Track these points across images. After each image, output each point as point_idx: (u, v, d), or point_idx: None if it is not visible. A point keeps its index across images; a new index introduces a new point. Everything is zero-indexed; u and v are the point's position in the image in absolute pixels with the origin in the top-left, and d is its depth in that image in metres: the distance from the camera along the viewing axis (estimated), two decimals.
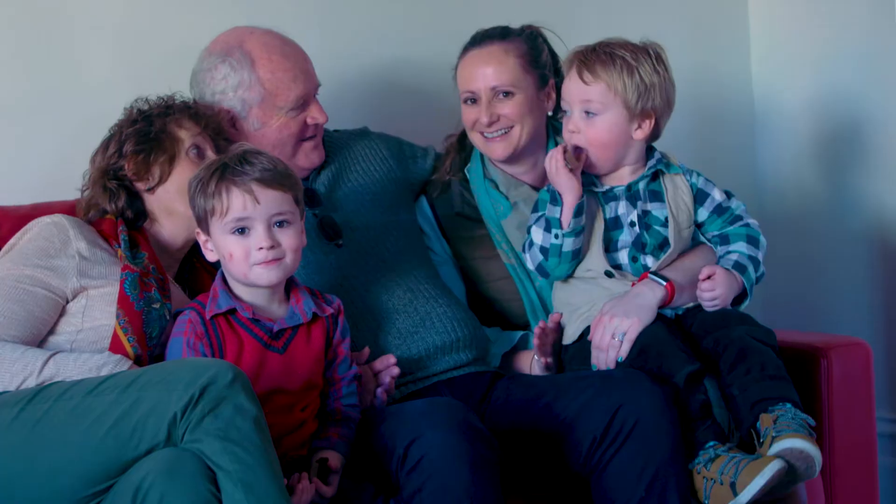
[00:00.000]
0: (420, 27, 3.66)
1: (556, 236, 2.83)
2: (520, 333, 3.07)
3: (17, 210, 2.97)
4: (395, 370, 2.75)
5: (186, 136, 2.78)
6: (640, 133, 2.85)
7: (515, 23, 3.17)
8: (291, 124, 3.02)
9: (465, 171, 3.19)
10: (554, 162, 2.81)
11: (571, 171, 2.80)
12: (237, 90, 2.99)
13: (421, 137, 3.34)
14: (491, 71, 3.06)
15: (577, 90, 2.84)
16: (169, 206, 2.77)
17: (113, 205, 2.76)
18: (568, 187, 2.80)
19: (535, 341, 2.89)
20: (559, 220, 2.81)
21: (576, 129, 2.84)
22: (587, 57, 2.83)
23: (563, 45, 3.12)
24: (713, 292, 2.80)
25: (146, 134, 2.77)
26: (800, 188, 4.05)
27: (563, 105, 2.89)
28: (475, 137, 3.12)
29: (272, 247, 2.51)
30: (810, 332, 3.34)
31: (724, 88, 4.15)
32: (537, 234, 2.87)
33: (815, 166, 4.00)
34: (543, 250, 2.86)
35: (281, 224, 2.54)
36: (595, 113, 2.83)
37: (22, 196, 3.04)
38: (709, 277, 2.81)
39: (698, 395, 2.65)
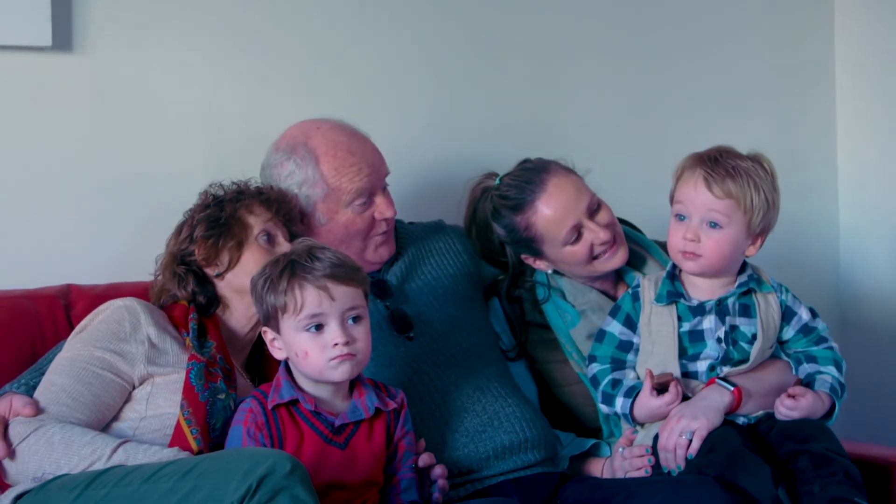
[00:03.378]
0: (490, 122, 3.68)
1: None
2: (592, 441, 3.02)
3: (93, 289, 3.00)
4: (439, 470, 2.69)
5: (256, 221, 2.79)
6: (753, 249, 2.84)
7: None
8: (358, 221, 3.01)
9: (534, 279, 3.16)
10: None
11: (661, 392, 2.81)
12: (301, 187, 2.99)
13: None
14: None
15: (703, 201, 2.78)
16: (239, 288, 2.76)
17: (182, 290, 2.77)
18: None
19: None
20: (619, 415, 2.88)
21: (695, 238, 2.79)
22: (714, 170, 2.78)
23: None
24: (792, 412, 2.77)
25: (216, 219, 2.78)
26: (882, 304, 4.01)
27: (680, 209, 2.82)
28: (592, 266, 3.08)
29: (347, 342, 2.49)
30: (883, 446, 3.25)
31: (809, 203, 4.13)
32: (602, 406, 2.91)
33: None
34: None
35: (354, 319, 2.52)
36: (720, 226, 2.79)
37: (98, 276, 3.08)
38: (794, 396, 2.77)
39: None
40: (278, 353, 2.57)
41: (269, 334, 2.57)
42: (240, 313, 2.80)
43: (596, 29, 3.83)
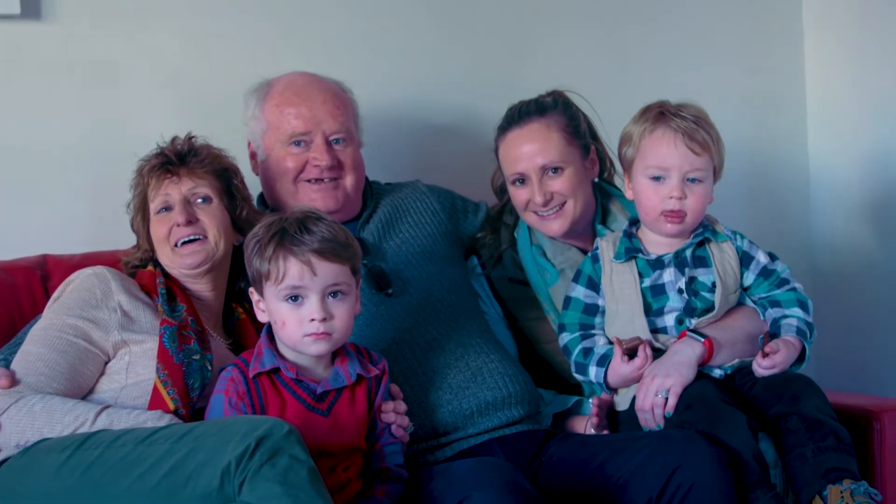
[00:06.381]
0: (465, 73, 3.68)
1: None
2: (574, 398, 3.03)
3: (70, 259, 3.00)
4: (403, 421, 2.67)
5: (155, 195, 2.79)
6: (712, 197, 2.85)
7: (560, 79, 3.17)
8: (288, 160, 3.04)
9: (515, 235, 3.17)
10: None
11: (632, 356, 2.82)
12: (250, 121, 3.09)
13: (465, 185, 3.34)
14: (537, 149, 3.03)
15: (685, 157, 2.79)
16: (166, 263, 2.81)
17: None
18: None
19: (593, 419, 2.87)
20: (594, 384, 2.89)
21: (682, 196, 2.80)
22: (686, 124, 2.79)
23: (590, 106, 3.14)
24: (771, 370, 2.79)
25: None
26: (853, 250, 4.03)
27: (657, 171, 2.82)
28: (529, 217, 3.08)
29: (324, 319, 2.48)
30: (862, 395, 3.29)
31: (779, 150, 4.14)
32: (577, 375, 2.91)
33: (868, 228, 3.98)
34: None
35: (335, 294, 2.51)
36: (700, 179, 2.81)
37: (73, 245, 3.07)
38: (768, 354, 2.78)
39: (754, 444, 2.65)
40: (262, 316, 2.57)
41: (254, 295, 2.57)
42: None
43: None
